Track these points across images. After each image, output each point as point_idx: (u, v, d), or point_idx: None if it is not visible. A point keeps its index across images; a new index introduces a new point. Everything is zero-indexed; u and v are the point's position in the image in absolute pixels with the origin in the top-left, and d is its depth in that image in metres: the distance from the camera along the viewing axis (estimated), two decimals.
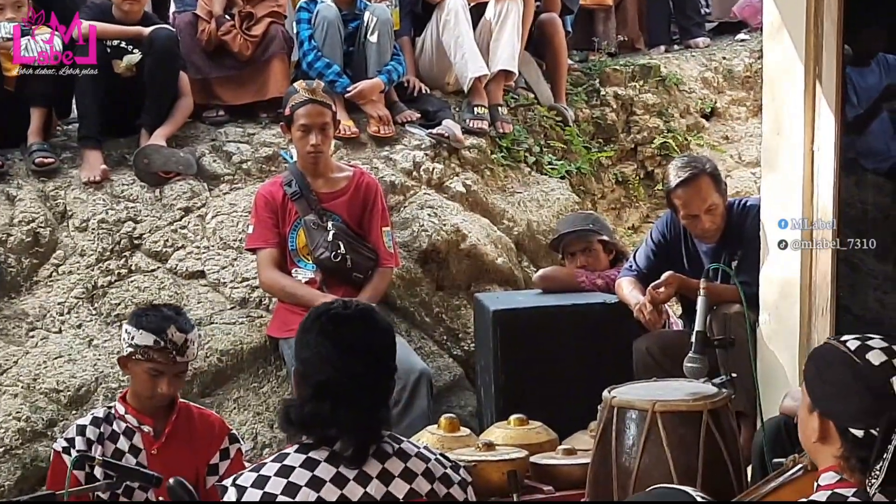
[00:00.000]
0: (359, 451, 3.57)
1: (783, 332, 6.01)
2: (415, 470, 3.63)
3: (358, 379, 3.59)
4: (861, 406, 3.14)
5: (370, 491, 3.55)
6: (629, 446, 4.70)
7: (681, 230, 6.69)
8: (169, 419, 5.03)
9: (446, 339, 7.50)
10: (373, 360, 3.64)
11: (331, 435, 3.55)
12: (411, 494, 3.60)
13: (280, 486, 3.49)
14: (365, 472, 3.57)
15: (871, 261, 6.14)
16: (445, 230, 7.59)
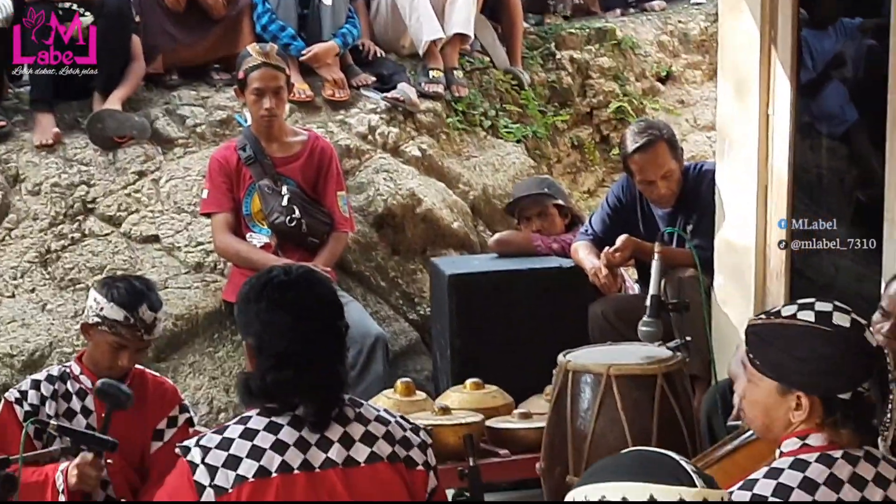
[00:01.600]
0: (321, 415, 3.58)
1: (738, 295, 6.04)
2: (375, 433, 3.64)
3: (314, 343, 3.60)
4: (850, 371, 3.16)
5: (332, 455, 3.56)
6: (584, 410, 4.71)
7: (636, 194, 6.70)
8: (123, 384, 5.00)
9: (402, 303, 7.50)
10: (325, 321, 3.65)
11: (294, 402, 3.55)
12: (372, 458, 3.61)
13: (245, 448, 3.49)
14: (326, 436, 3.57)
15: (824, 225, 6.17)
16: (401, 194, 7.57)
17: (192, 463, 3.48)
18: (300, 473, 3.52)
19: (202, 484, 3.45)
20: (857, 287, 6.01)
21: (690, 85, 9.88)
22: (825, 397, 3.14)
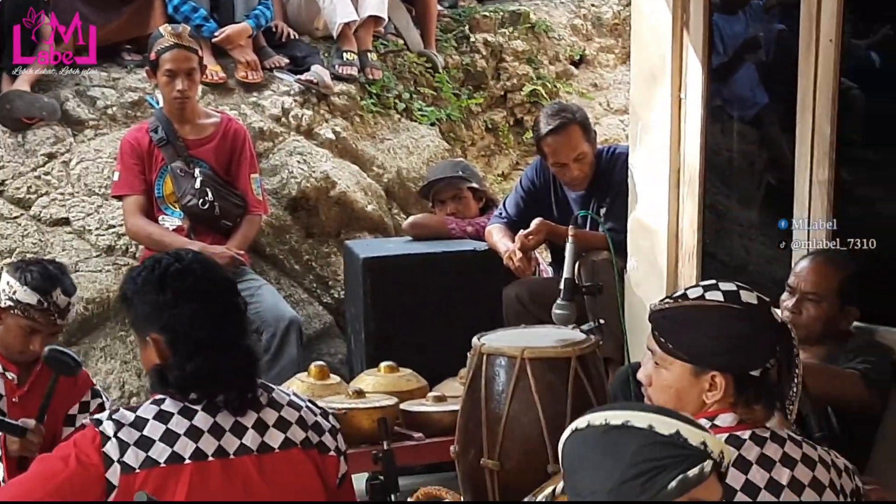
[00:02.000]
0: (238, 400, 3.56)
1: (651, 278, 6.08)
2: (288, 419, 3.63)
3: (225, 327, 3.59)
4: (761, 348, 3.22)
5: (246, 441, 3.54)
6: (498, 392, 4.72)
7: (550, 177, 6.72)
8: (34, 368, 4.94)
9: (316, 286, 7.48)
10: (228, 303, 3.64)
11: (214, 390, 3.52)
12: (286, 444, 3.60)
13: (159, 431, 3.44)
14: (240, 422, 3.55)
15: (736, 207, 6.22)
16: (315, 177, 7.55)
17: (104, 434, 3.41)
18: (214, 461, 3.50)
19: (110, 457, 3.39)
20: (768, 269, 6.06)
21: (604, 69, 9.92)
22: (737, 375, 3.19)
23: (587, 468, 2.38)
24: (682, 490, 2.30)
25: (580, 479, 2.39)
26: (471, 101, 8.98)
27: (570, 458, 2.44)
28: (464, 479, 4.87)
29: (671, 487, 2.30)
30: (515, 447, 4.68)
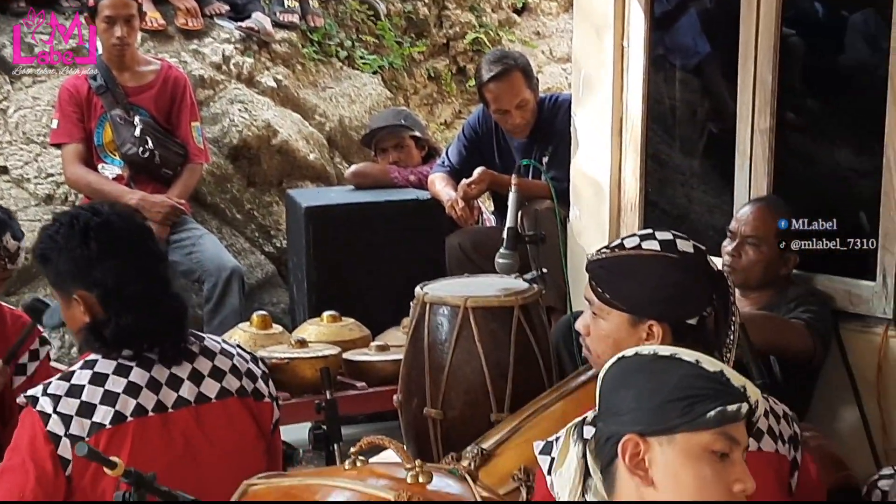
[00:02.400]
0: (172, 352, 3.55)
1: (593, 227, 6.09)
2: (222, 367, 3.63)
3: (154, 278, 3.56)
4: (697, 296, 3.23)
5: (183, 394, 3.53)
6: (441, 342, 4.72)
7: (492, 125, 6.71)
8: None
9: (258, 235, 7.45)
10: (151, 252, 3.61)
11: (149, 343, 3.51)
12: (223, 393, 3.60)
13: (97, 394, 3.43)
14: (176, 374, 3.54)
15: (678, 156, 6.23)
16: (256, 126, 7.51)
17: (44, 413, 3.39)
18: (155, 416, 3.50)
19: (57, 434, 3.38)
20: (709, 218, 6.08)
21: (546, 17, 9.89)
22: (673, 324, 3.20)
23: (631, 389, 2.46)
24: (719, 421, 2.39)
25: (621, 398, 2.46)
26: (413, 49, 8.94)
27: (612, 381, 2.51)
28: (407, 429, 4.88)
29: (710, 416, 2.38)
30: (458, 396, 4.69)
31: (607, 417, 2.48)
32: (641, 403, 2.43)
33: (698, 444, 2.40)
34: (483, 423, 4.44)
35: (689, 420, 2.39)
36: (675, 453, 2.40)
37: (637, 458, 2.42)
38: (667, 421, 2.40)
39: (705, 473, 2.40)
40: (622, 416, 2.45)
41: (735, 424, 2.41)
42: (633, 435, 2.42)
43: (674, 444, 2.40)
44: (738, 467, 2.42)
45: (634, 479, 2.43)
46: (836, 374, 5.12)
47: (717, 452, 2.40)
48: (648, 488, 2.42)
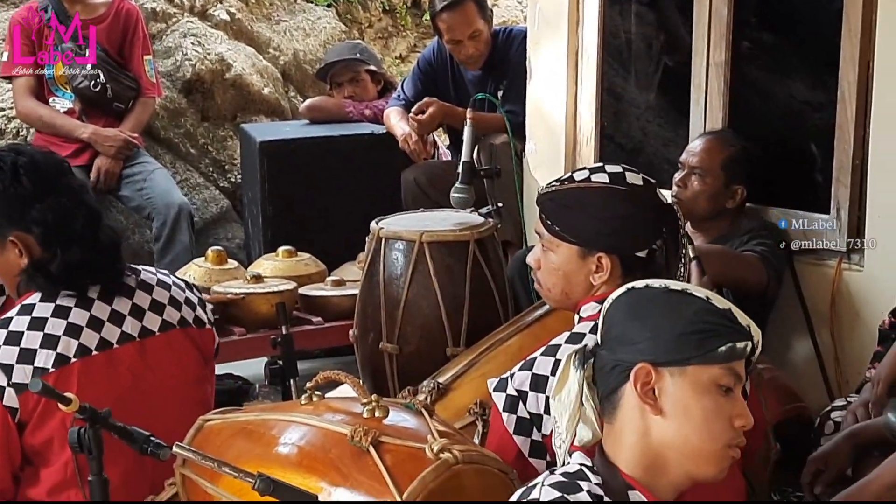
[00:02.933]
0: (111, 286, 3.53)
1: (549, 161, 6.09)
2: (161, 300, 3.63)
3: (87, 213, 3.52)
4: (646, 228, 3.24)
5: (126, 329, 3.53)
6: (397, 276, 4.72)
7: (448, 58, 6.69)
8: None
9: (212, 170, 7.42)
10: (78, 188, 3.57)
11: (83, 284, 3.48)
12: (165, 326, 3.61)
13: (37, 339, 3.40)
14: (116, 310, 3.53)
15: (633, 89, 6.23)
16: (209, 60, 7.46)
17: None
18: (99, 354, 3.48)
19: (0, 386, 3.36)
20: (665, 152, 6.09)
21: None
22: (624, 256, 3.22)
23: (642, 320, 2.49)
24: (728, 357, 2.44)
25: (634, 328, 2.49)
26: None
27: (622, 310, 2.53)
28: (363, 363, 4.88)
29: (721, 351, 2.43)
30: (414, 331, 4.69)
31: (616, 346, 2.50)
32: (656, 333, 2.46)
33: (708, 377, 2.44)
34: (439, 358, 4.44)
35: (701, 353, 2.43)
36: (685, 384, 2.44)
37: (648, 386, 2.45)
38: (681, 353, 2.44)
39: (711, 406, 2.44)
40: (635, 345, 2.47)
41: (740, 361, 2.47)
42: (646, 364, 2.45)
43: (685, 376, 2.44)
44: (739, 403, 2.47)
45: (642, 407, 2.45)
46: (789, 306, 5.16)
47: (723, 387, 2.44)
48: (656, 417, 2.45)
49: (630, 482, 2.44)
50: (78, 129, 6.46)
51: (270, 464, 3.06)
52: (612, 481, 2.44)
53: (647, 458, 2.45)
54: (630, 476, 2.45)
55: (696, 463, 2.45)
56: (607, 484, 2.43)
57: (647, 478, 2.45)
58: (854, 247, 5.04)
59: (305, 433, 3.19)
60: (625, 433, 2.47)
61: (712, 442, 2.44)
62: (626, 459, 2.46)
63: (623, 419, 2.47)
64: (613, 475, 2.45)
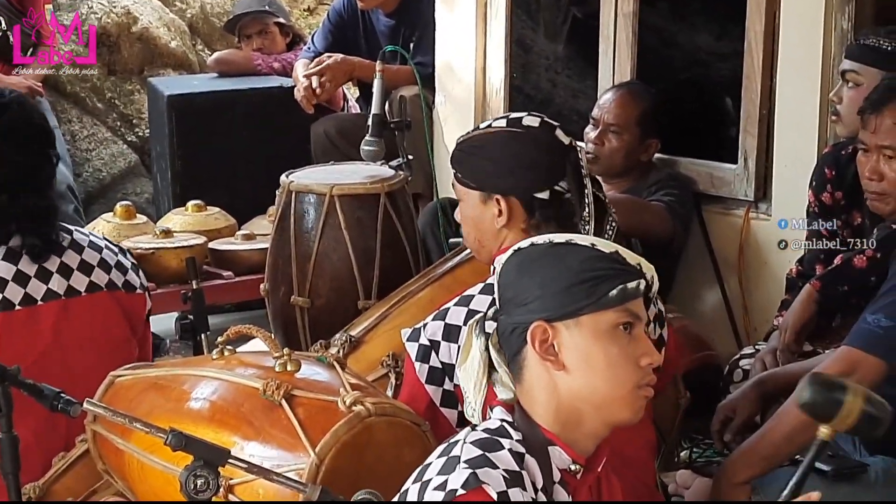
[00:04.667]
0: (41, 242, 3.54)
1: (458, 113, 6.08)
2: (90, 262, 3.64)
3: (30, 169, 3.54)
4: (543, 168, 3.25)
5: (53, 286, 3.54)
6: (308, 230, 4.70)
7: (357, 10, 6.64)
8: None
9: (120, 125, 7.35)
10: (38, 148, 3.59)
11: (11, 230, 3.50)
12: (92, 287, 3.62)
13: None
14: (45, 267, 3.54)
15: (542, 41, 6.23)
16: (115, 13, 7.38)
17: None
18: (22, 309, 3.51)
19: None
20: (574, 103, 6.12)
21: None
22: (522, 198, 3.23)
23: (533, 277, 2.47)
24: (621, 299, 2.42)
25: (524, 288, 2.48)
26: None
27: (511, 272, 2.52)
28: (274, 317, 4.87)
29: (612, 294, 2.41)
30: (325, 284, 4.68)
31: (511, 309, 2.49)
32: (545, 290, 2.45)
33: (604, 322, 2.43)
34: (351, 311, 4.44)
35: (593, 301, 2.42)
36: (582, 335, 2.43)
37: (546, 343, 2.44)
38: (573, 304, 2.43)
39: (614, 351, 2.43)
40: (527, 304, 2.47)
41: (635, 300, 2.46)
42: (540, 322, 2.44)
43: (581, 327, 2.43)
44: (642, 342, 2.46)
45: (545, 365, 2.45)
46: (698, 255, 5.20)
47: (623, 328, 2.44)
48: (560, 372, 2.44)
49: (550, 437, 2.44)
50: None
51: (182, 419, 3.05)
52: (532, 438, 2.44)
53: (561, 413, 2.45)
54: (549, 431, 2.45)
55: (610, 410, 2.45)
56: (528, 440, 2.43)
57: (566, 432, 2.45)
58: (761, 196, 5.09)
59: (217, 388, 3.19)
60: (535, 392, 2.47)
61: (621, 386, 2.43)
62: (542, 415, 2.46)
63: (531, 379, 2.47)
64: (533, 431, 2.45)
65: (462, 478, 2.32)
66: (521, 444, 2.41)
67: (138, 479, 3.23)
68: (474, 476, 2.31)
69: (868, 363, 3.62)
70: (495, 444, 2.40)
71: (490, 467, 2.34)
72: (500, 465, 2.35)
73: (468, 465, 2.34)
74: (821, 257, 4.50)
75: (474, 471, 2.32)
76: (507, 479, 2.33)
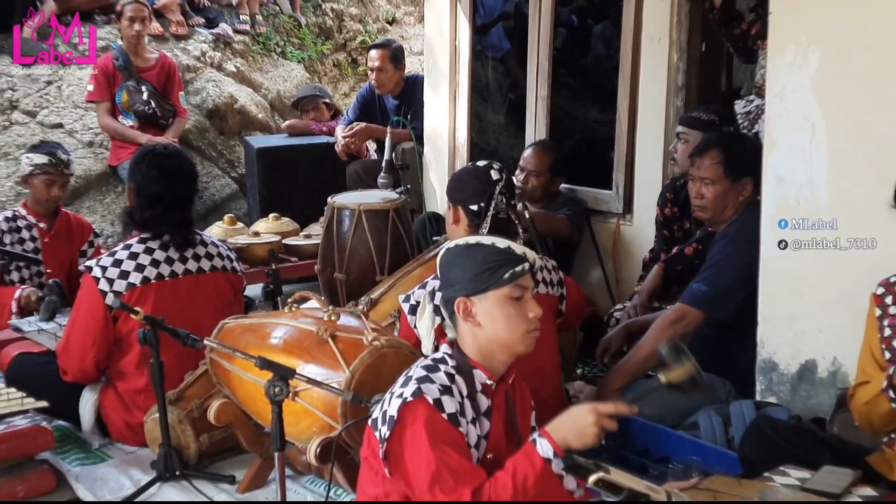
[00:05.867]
0: (182, 240, 3.60)
1: (437, 159, 6.08)
2: (213, 253, 3.71)
3: (175, 192, 3.58)
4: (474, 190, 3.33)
5: (189, 267, 3.61)
6: (344, 232, 4.68)
7: (375, 94, 6.61)
8: (56, 219, 4.85)
9: (226, 166, 7.30)
10: (183, 179, 3.65)
11: (162, 230, 3.56)
12: (213, 269, 3.67)
13: (132, 265, 3.51)
14: (184, 255, 3.61)
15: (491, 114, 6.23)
16: (224, 96, 7.33)
17: (96, 277, 3.48)
18: (168, 280, 3.56)
19: (104, 290, 3.46)
20: (510, 152, 6.11)
21: (408, 26, 9.73)
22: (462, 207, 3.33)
23: (456, 267, 2.48)
24: (513, 278, 2.43)
25: (452, 274, 2.49)
26: (323, 47, 8.75)
27: (445, 262, 2.52)
28: (323, 287, 4.85)
29: (506, 277, 2.43)
30: (355, 266, 4.67)
31: (445, 288, 2.51)
32: (463, 277, 2.46)
33: (502, 295, 2.44)
34: (371, 282, 4.43)
35: (493, 282, 2.43)
36: (489, 304, 2.44)
37: (468, 311, 2.46)
38: (481, 285, 2.44)
39: (510, 311, 2.44)
40: (453, 286, 2.48)
41: (523, 277, 2.45)
42: (462, 298, 2.46)
43: (487, 299, 2.45)
44: (529, 303, 2.47)
45: (468, 324, 2.46)
46: (588, 248, 5.21)
47: (515, 298, 2.44)
48: (477, 328, 2.46)
49: (474, 364, 2.46)
50: (139, 137, 6.32)
51: (266, 350, 3.06)
52: (462, 364, 2.46)
53: (481, 350, 2.47)
54: (474, 360, 2.47)
55: (511, 346, 2.46)
56: (459, 366, 2.44)
57: (485, 361, 2.47)
58: (627, 210, 5.10)
59: (287, 330, 3.19)
60: (465, 339, 2.49)
61: (516, 332, 2.45)
62: (469, 351, 2.48)
63: (462, 331, 2.49)
64: (464, 360, 2.47)
65: (411, 389, 2.35)
66: (454, 369, 2.43)
67: (238, 388, 3.22)
68: (419, 388, 2.34)
69: (693, 313, 3.64)
70: (435, 368, 2.42)
71: (429, 382, 2.36)
72: (437, 381, 2.37)
73: (416, 381, 2.37)
74: (664, 248, 4.50)
75: (419, 385, 2.35)
76: (440, 390, 2.35)
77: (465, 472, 2.26)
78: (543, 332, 2.60)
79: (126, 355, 3.57)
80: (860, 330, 2.81)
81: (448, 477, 2.24)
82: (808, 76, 3.27)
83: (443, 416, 2.30)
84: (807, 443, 2.83)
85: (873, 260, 3.13)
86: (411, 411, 2.31)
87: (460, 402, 2.36)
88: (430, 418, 2.29)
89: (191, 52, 7.55)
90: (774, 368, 3.48)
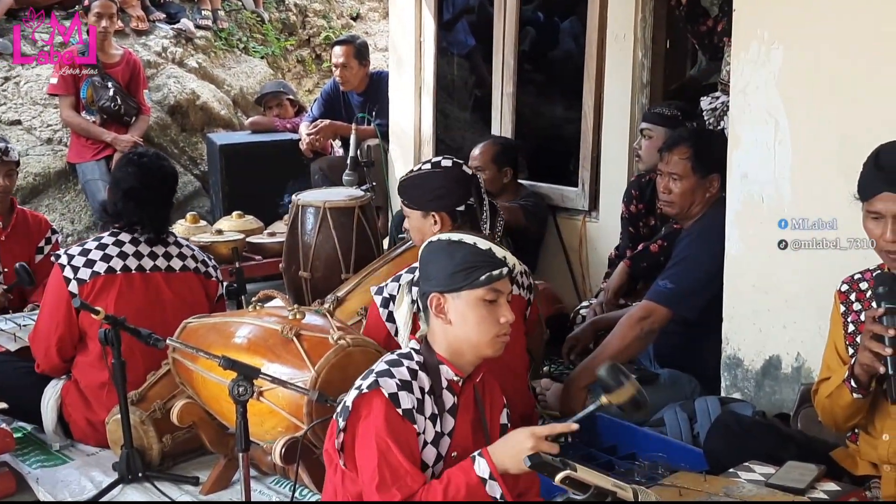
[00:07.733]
0: (153, 235, 3.65)
1: (403, 157, 6.07)
2: (186, 254, 3.75)
3: (151, 190, 3.64)
4: (458, 192, 3.27)
5: (158, 264, 3.65)
6: (309, 230, 4.67)
7: (340, 91, 6.59)
8: (12, 216, 4.74)
9: (189, 163, 7.24)
10: (162, 177, 3.70)
11: (134, 223, 3.62)
12: (184, 269, 3.70)
13: (98, 255, 3.56)
14: (154, 251, 3.66)
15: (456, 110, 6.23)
16: (185, 92, 7.28)
17: (62, 265, 3.55)
18: (136, 273, 3.60)
19: (68, 277, 3.52)
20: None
21: (372, 22, 9.71)
22: (449, 211, 3.24)
23: (435, 263, 2.46)
24: (489, 281, 2.41)
25: (430, 269, 2.47)
26: (286, 42, 8.72)
27: (424, 257, 2.51)
28: (288, 285, 4.83)
29: (482, 279, 2.41)
30: (321, 263, 4.65)
31: (422, 281, 2.50)
32: (440, 273, 2.44)
33: (476, 296, 2.42)
34: (337, 281, 4.41)
35: (468, 283, 2.41)
36: (462, 303, 2.43)
37: (439, 307, 2.44)
38: (456, 284, 2.42)
39: (482, 313, 2.43)
40: (429, 281, 2.46)
41: (500, 281, 2.43)
42: (436, 294, 2.45)
43: (461, 298, 2.43)
44: (503, 307, 2.45)
45: (439, 320, 2.46)
46: (555, 245, 5.23)
47: (488, 301, 2.42)
48: (447, 325, 2.45)
49: (442, 360, 2.46)
50: (103, 135, 6.28)
51: (230, 349, 3.03)
52: (430, 360, 2.45)
53: (450, 347, 2.46)
54: (442, 356, 2.46)
55: (479, 348, 2.45)
56: (426, 362, 2.44)
57: (453, 358, 2.46)
58: (592, 208, 5.12)
59: (252, 329, 3.17)
60: (435, 334, 2.47)
61: (485, 335, 2.43)
62: (439, 347, 2.47)
63: (433, 326, 2.47)
64: (432, 356, 2.46)
65: (368, 381, 2.36)
66: (418, 365, 2.43)
67: (202, 388, 3.20)
68: (376, 381, 2.34)
69: (659, 311, 3.66)
70: (398, 363, 2.42)
71: (389, 377, 2.36)
72: (398, 376, 2.37)
73: (376, 374, 2.37)
74: (630, 245, 4.52)
75: (377, 378, 2.35)
76: (398, 385, 2.35)
77: (404, 473, 2.27)
78: (514, 331, 2.60)
79: (87, 347, 3.57)
80: (824, 326, 2.84)
81: (387, 475, 2.26)
82: (772, 73, 3.30)
83: (397, 411, 2.31)
84: (771, 438, 2.86)
85: (837, 256, 3.16)
86: (367, 403, 2.33)
87: (419, 398, 2.36)
88: (382, 412, 2.29)
89: (151, 47, 7.49)
90: (739, 365, 3.51)
